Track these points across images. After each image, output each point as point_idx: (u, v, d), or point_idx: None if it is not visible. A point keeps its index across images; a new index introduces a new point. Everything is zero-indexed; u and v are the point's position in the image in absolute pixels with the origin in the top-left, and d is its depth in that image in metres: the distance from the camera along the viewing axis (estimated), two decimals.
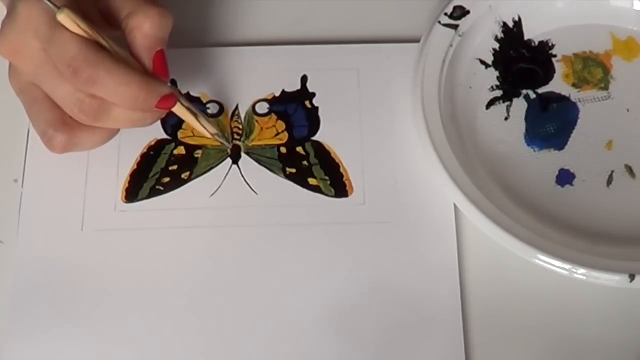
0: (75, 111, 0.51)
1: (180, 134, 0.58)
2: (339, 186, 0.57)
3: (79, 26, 0.50)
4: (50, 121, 0.53)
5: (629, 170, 0.57)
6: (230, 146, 0.58)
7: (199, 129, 0.56)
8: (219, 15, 0.63)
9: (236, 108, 0.59)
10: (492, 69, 0.60)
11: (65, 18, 0.50)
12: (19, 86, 0.54)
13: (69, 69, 0.50)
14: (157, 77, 0.52)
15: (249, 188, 0.57)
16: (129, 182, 0.57)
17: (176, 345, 0.53)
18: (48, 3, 0.49)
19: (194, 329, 0.53)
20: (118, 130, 0.55)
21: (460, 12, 0.59)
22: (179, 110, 0.54)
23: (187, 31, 0.61)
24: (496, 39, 0.61)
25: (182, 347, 0.53)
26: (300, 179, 0.57)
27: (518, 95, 0.60)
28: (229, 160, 0.58)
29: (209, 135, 0.56)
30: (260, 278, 0.54)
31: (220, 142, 0.57)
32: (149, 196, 0.57)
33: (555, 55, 0.61)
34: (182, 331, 0.53)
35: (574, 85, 0.60)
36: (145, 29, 0.52)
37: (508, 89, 0.60)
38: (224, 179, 0.57)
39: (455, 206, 0.55)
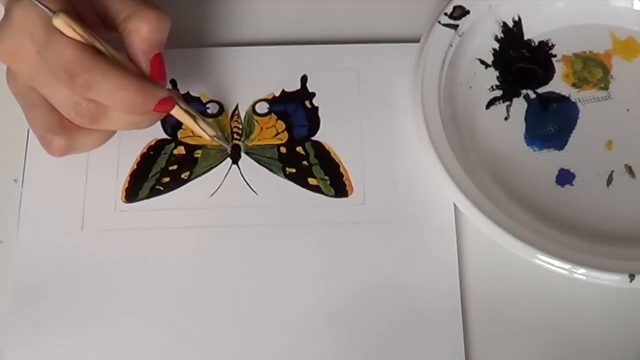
0: (72, 115, 0.51)
1: (180, 134, 0.59)
2: (339, 186, 0.57)
3: (75, 31, 0.50)
4: (49, 125, 0.53)
5: (629, 170, 0.57)
6: (229, 147, 0.58)
7: (197, 132, 0.56)
8: (219, 15, 0.63)
9: (236, 108, 0.59)
10: (492, 69, 0.60)
11: (61, 23, 0.50)
12: (16, 90, 0.54)
13: (66, 74, 0.50)
14: (154, 80, 0.52)
15: (249, 188, 0.57)
16: (129, 182, 0.57)
17: (176, 344, 0.53)
18: (44, 8, 0.49)
19: (194, 329, 0.53)
20: (116, 131, 0.55)
21: (460, 12, 0.59)
22: (178, 113, 0.54)
23: (187, 31, 0.61)
24: (496, 39, 0.61)
25: (182, 346, 0.53)
26: (300, 179, 0.57)
27: (518, 95, 0.60)
28: (229, 160, 0.58)
29: (208, 138, 0.56)
30: (260, 278, 0.54)
31: (220, 144, 0.57)
32: (149, 196, 0.57)
33: (555, 55, 0.61)
34: (182, 330, 0.53)
35: (574, 85, 0.60)
36: (142, 33, 0.52)
37: (508, 89, 0.60)
38: (224, 179, 0.57)
39: (455, 206, 0.55)
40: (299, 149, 0.58)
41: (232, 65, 0.60)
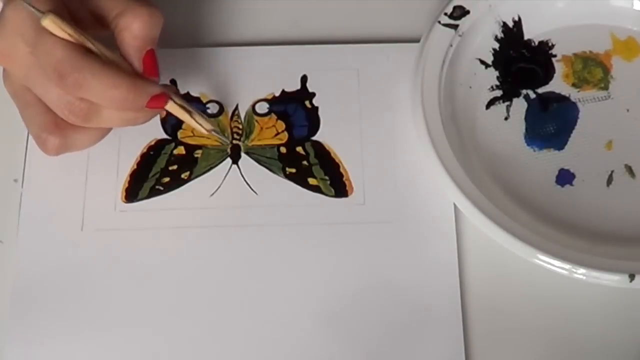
0: (66, 114, 0.52)
1: (180, 134, 0.58)
2: (339, 186, 0.57)
3: (64, 31, 0.50)
4: (44, 124, 0.53)
5: (629, 170, 0.57)
6: (229, 143, 0.58)
7: (195, 127, 0.56)
8: (219, 15, 0.63)
9: (236, 108, 0.59)
10: (492, 69, 0.60)
11: (50, 23, 0.49)
12: (12, 89, 0.54)
13: (55, 74, 0.50)
14: (147, 77, 0.52)
15: (249, 188, 0.57)
16: (129, 182, 0.57)
17: (176, 344, 0.53)
18: (32, 9, 0.49)
19: (194, 329, 0.53)
20: (111, 128, 0.55)
21: (460, 12, 0.59)
22: (173, 108, 0.54)
23: (187, 31, 0.61)
24: (496, 39, 0.61)
25: (182, 346, 0.53)
26: (300, 179, 0.57)
27: (518, 95, 0.60)
28: (229, 160, 0.58)
29: (205, 132, 0.56)
30: (260, 278, 0.54)
31: (218, 139, 0.57)
32: (149, 196, 0.57)
33: (555, 55, 0.61)
34: (182, 330, 0.53)
35: (574, 85, 0.60)
36: (134, 30, 0.52)
37: (508, 89, 0.60)
38: (224, 179, 0.57)
39: (455, 206, 0.55)
40: (299, 149, 0.58)
41: (232, 65, 0.60)
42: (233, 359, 0.52)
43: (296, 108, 0.59)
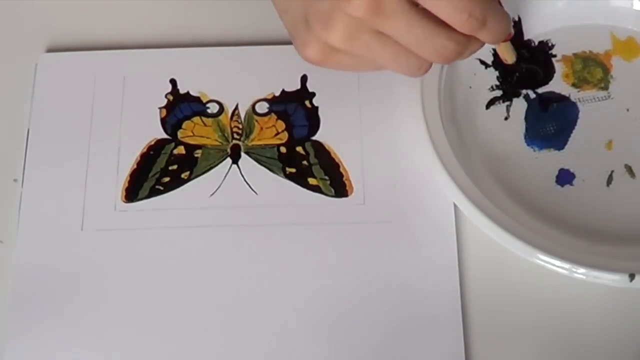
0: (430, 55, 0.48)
1: (180, 134, 0.59)
2: (339, 186, 0.57)
3: None
4: None
5: (629, 170, 0.57)
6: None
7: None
8: (219, 14, 0.63)
9: (236, 108, 0.59)
10: (492, 69, 0.60)
11: None
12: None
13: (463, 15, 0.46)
14: None
15: (249, 188, 0.57)
16: (129, 182, 0.57)
17: (176, 344, 0.53)
18: None
19: (193, 329, 0.53)
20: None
21: None
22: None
23: (187, 31, 0.61)
24: None
25: (181, 346, 0.53)
26: (300, 179, 0.57)
27: (518, 95, 0.60)
28: (228, 160, 0.58)
29: (510, 61, 0.56)
30: (260, 278, 0.54)
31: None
32: (149, 196, 0.57)
33: (555, 55, 0.61)
34: (181, 331, 0.53)
35: (574, 85, 0.60)
36: None
37: (508, 89, 0.60)
38: (224, 178, 0.57)
39: (455, 206, 0.55)
40: (299, 148, 0.58)
41: (232, 65, 0.60)
42: (234, 358, 0.53)
43: (296, 108, 0.59)
